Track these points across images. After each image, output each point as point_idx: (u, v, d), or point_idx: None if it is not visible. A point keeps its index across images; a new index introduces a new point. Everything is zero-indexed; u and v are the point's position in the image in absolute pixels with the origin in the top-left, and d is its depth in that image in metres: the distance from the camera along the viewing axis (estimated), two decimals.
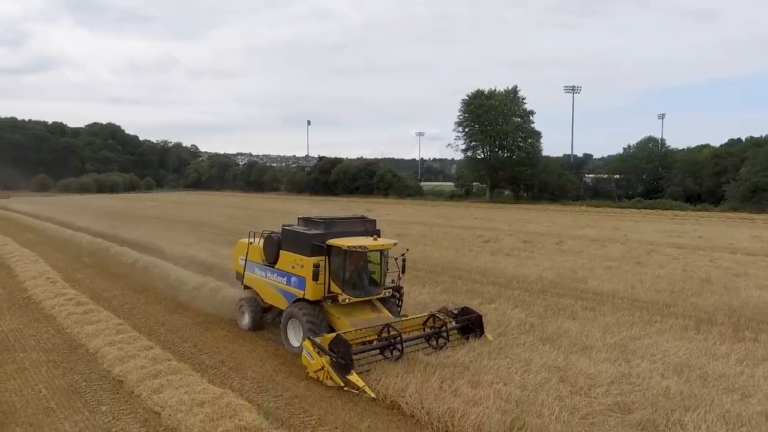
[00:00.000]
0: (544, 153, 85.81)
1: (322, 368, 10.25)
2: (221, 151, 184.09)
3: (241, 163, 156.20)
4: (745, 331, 13.41)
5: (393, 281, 13.06)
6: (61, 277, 19.75)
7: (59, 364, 11.39)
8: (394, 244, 12.56)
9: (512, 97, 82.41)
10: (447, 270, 21.79)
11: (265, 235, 13.59)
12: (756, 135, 79.92)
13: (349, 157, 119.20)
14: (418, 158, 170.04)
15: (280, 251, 12.92)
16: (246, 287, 14.43)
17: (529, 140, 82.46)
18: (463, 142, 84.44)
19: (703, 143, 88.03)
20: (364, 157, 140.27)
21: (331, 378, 10.14)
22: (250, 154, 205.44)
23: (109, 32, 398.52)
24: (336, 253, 11.94)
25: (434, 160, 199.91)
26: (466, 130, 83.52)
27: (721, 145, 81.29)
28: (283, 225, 13.45)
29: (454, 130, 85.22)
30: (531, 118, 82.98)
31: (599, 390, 9.50)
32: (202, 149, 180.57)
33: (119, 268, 22.41)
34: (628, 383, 9.87)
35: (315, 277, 11.65)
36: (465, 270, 21.83)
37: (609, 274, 20.82)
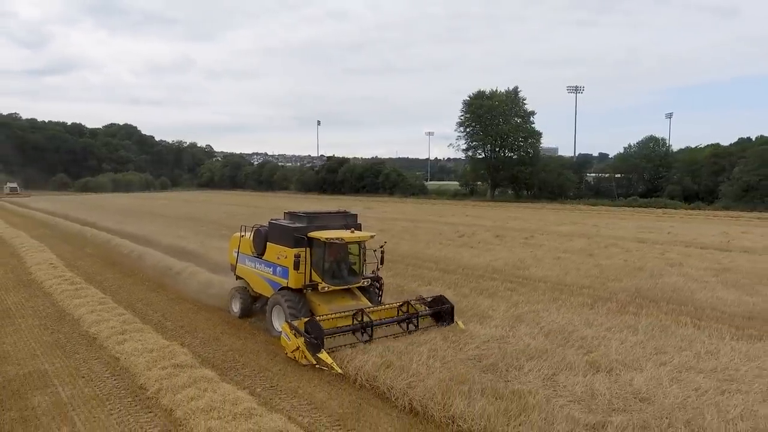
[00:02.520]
0: (560, 152, 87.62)
1: (297, 348, 11.24)
2: (237, 151, 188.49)
3: (256, 162, 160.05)
4: (630, 307, 15.52)
5: (374, 272, 14.14)
6: (63, 263, 22.48)
7: (48, 326, 13.99)
8: (371, 237, 13.45)
9: (513, 97, 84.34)
10: (406, 259, 24.03)
11: (254, 229, 14.85)
12: (766, 134, 79.28)
13: (363, 157, 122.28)
14: (429, 158, 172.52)
15: (267, 243, 13.93)
16: (238, 277, 15.60)
17: (530, 140, 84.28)
18: (464, 141, 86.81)
19: (713, 142, 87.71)
20: (379, 156, 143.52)
21: (305, 357, 11.09)
22: (266, 154, 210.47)
23: (129, 34, 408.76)
24: (316, 245, 12.84)
25: (448, 159, 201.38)
26: (468, 130, 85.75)
27: (730, 144, 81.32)
28: (271, 219, 14.50)
29: (455, 130, 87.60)
30: (531, 118, 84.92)
31: (471, 346, 11.71)
32: (218, 149, 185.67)
33: (116, 257, 25.16)
34: (499, 342, 12.04)
35: (296, 267, 12.57)
36: (422, 259, 24.10)
37: (552, 264, 22.84)
